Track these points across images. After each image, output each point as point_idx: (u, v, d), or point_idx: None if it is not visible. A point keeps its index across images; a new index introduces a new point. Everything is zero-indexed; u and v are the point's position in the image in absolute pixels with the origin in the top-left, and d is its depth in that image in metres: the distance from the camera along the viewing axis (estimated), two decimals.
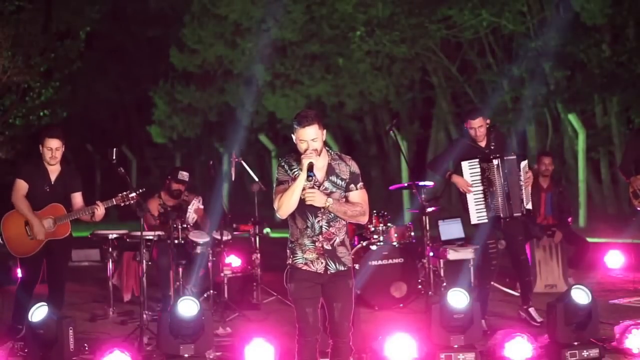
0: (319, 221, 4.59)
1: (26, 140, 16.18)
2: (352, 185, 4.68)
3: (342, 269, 4.63)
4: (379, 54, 17.51)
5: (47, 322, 5.87)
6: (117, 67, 25.07)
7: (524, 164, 6.84)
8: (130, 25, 23.89)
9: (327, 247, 4.60)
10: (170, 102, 21.23)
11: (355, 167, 4.72)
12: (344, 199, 4.65)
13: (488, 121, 6.94)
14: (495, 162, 6.75)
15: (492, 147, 6.89)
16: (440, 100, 20.02)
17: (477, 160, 6.82)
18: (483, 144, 6.91)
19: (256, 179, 8.56)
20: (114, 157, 6.59)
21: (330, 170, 4.65)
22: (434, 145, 20.66)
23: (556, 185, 9.09)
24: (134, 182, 22.60)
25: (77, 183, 6.94)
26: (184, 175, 8.23)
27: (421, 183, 8.31)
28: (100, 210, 6.70)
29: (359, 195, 4.69)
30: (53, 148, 6.71)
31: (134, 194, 6.72)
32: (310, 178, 4.50)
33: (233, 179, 8.58)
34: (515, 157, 6.77)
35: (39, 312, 5.93)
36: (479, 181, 6.81)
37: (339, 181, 4.66)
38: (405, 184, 9.62)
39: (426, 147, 21.00)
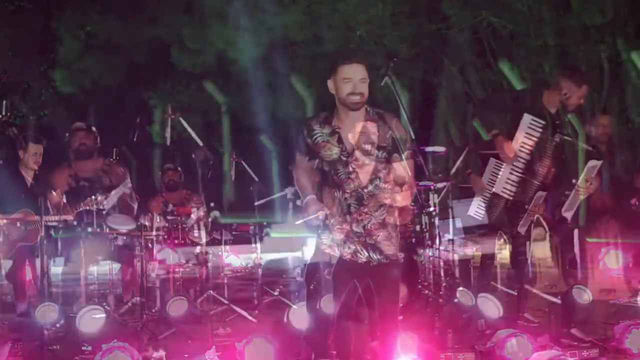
0: None
1: None
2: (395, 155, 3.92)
3: None
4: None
5: (57, 321, 5.90)
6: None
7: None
8: (130, 25, 23.82)
9: None
10: (170, 102, 21.20)
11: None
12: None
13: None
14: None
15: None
16: (440, 100, 19.99)
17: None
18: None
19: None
20: (114, 157, 6.58)
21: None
22: (434, 145, 20.61)
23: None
24: (134, 182, 22.55)
25: (52, 181, 6.89)
26: (167, 165, 8.77)
27: (421, 183, 8.28)
28: (71, 216, 6.66)
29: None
30: (38, 153, 6.61)
31: (103, 197, 6.69)
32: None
33: (233, 179, 8.62)
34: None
35: (45, 311, 5.95)
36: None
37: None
38: None
39: (426, 147, 20.94)
